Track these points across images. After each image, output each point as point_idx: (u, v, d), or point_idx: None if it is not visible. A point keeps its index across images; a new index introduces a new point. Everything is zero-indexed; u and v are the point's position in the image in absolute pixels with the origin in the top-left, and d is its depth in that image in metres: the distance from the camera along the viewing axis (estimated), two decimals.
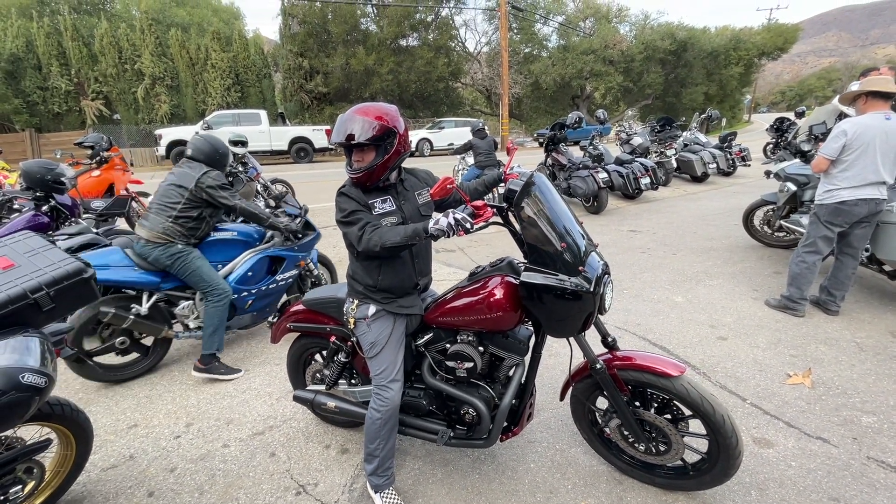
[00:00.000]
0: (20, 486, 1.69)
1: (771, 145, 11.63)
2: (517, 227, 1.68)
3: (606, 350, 1.84)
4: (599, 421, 1.98)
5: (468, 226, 1.48)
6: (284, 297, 3.36)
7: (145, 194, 6.34)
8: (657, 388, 1.73)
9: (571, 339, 1.75)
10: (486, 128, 7.45)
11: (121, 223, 5.95)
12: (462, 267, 4.99)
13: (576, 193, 7.18)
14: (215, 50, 19.43)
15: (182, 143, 14.60)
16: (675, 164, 9.39)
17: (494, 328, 1.75)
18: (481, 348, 1.82)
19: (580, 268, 1.57)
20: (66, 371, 2.92)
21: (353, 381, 2.23)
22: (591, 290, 1.56)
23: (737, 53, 28.47)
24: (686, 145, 9.93)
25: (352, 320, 1.85)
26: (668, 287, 4.17)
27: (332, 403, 2.11)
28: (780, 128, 9.60)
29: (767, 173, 5.01)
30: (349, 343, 2.07)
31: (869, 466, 2.01)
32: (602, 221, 6.91)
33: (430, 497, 1.95)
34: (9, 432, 1.64)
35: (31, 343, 1.49)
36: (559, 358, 2.84)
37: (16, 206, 4.01)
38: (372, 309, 1.80)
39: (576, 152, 8.03)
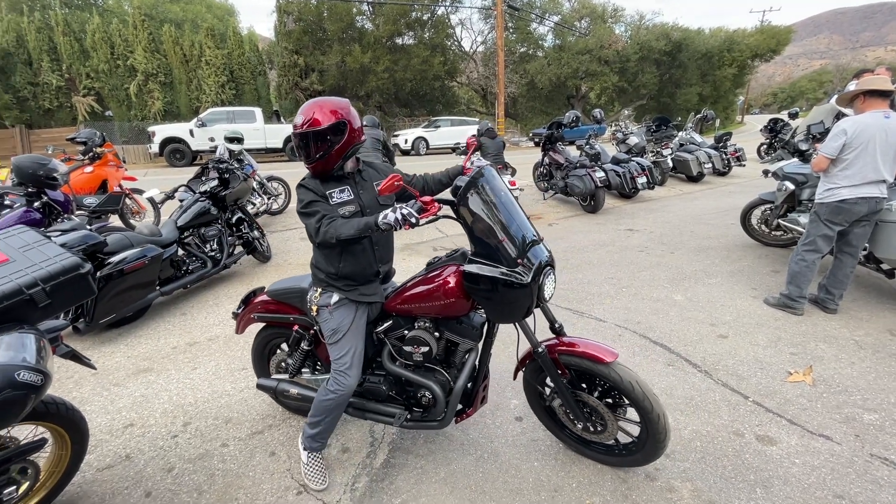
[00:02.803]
0: (14, 487, 1.64)
1: (765, 146, 11.74)
2: (468, 219, 1.75)
3: (553, 336, 1.91)
4: (546, 398, 2.08)
5: (413, 220, 1.55)
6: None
7: (139, 191, 6.23)
8: (593, 372, 1.84)
9: (517, 324, 1.82)
10: (495, 128, 7.43)
11: (114, 220, 5.87)
12: None
13: (573, 192, 7.19)
14: (209, 47, 19.21)
15: (175, 140, 14.34)
16: (671, 164, 9.43)
17: (448, 314, 1.85)
18: (437, 334, 1.90)
19: (520, 260, 1.66)
20: (61, 369, 2.87)
21: (316, 370, 2.28)
22: (528, 281, 1.64)
23: (730, 55, 28.63)
24: (682, 145, 9.98)
25: (314, 308, 1.92)
26: (668, 285, 4.17)
27: (294, 391, 2.17)
28: (773, 128, 9.70)
29: (766, 172, 5.02)
30: (312, 332, 2.13)
31: (872, 463, 2.02)
32: (599, 220, 6.91)
33: (434, 496, 1.93)
34: (2, 432, 1.60)
35: (26, 340, 1.45)
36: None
37: (6, 203, 3.92)
38: (335, 297, 1.86)
39: (572, 151, 8.03)
